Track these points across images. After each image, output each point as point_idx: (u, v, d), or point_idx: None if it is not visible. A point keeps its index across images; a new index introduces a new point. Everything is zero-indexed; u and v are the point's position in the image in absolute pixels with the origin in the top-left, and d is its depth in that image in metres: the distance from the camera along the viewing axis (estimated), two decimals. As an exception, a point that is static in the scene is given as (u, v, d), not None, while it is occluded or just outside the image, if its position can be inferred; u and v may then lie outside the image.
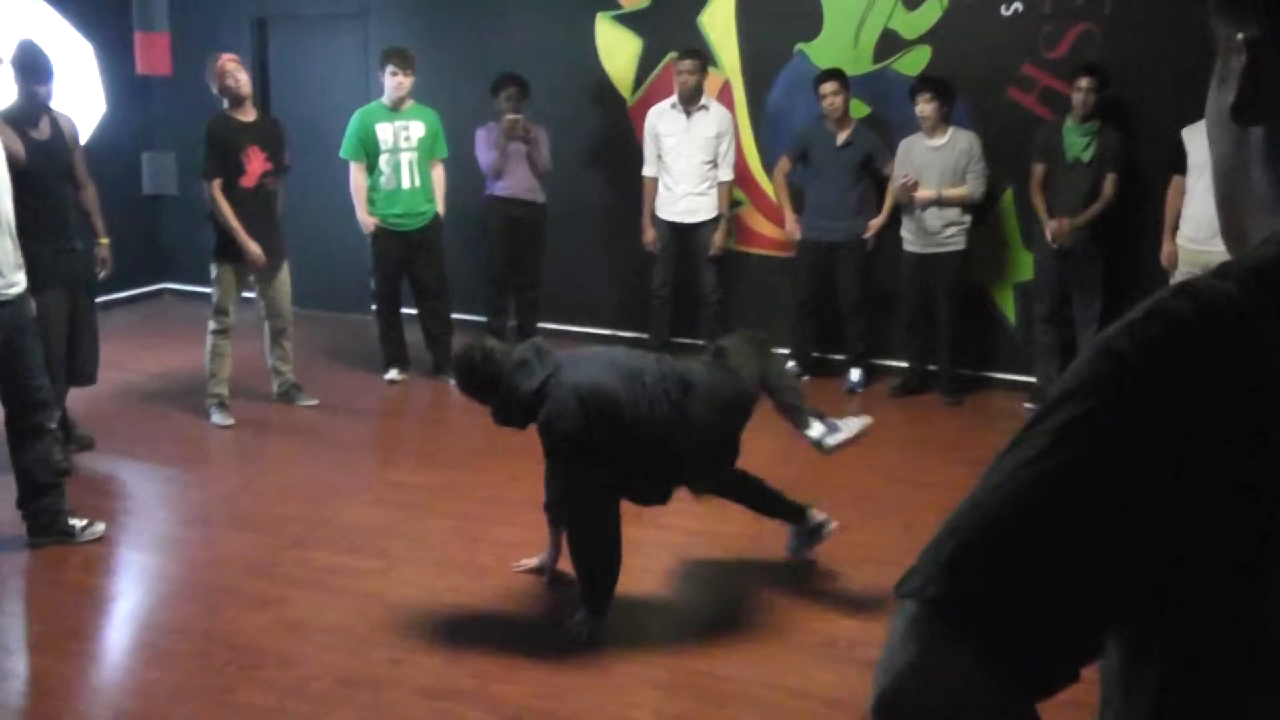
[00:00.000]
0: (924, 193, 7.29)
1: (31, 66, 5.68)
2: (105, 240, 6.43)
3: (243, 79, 6.92)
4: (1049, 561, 0.96)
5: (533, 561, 4.95)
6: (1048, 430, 0.99)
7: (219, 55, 7.01)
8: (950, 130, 7.34)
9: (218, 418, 6.96)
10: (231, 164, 6.83)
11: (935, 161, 7.31)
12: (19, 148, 5.56)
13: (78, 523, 5.26)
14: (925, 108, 7.26)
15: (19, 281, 4.94)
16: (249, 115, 6.98)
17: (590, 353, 4.57)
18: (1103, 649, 1.03)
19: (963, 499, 1.03)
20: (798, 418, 4.73)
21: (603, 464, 4.27)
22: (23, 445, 5.10)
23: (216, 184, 6.80)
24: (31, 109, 5.76)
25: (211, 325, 6.94)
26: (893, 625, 1.02)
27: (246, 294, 7.14)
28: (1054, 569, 0.96)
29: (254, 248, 6.78)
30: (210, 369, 6.96)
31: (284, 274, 7.20)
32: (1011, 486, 0.99)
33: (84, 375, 6.32)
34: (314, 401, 7.32)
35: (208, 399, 7.00)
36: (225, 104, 6.95)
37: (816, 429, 4.70)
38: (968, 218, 7.39)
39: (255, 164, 6.90)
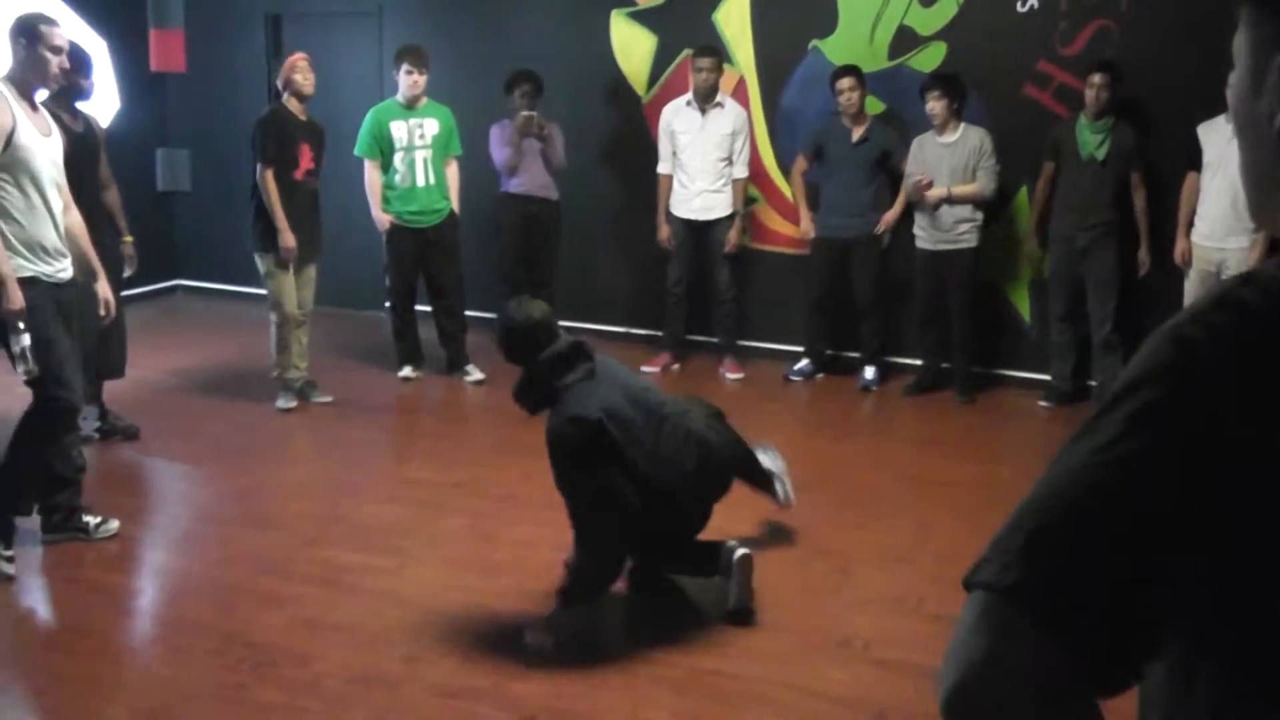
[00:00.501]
0: (935, 191, 7.27)
1: (73, 61, 5.75)
2: (129, 238, 6.57)
3: (310, 79, 7.05)
4: (1123, 548, 0.96)
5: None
6: (1120, 417, 0.99)
7: (294, 53, 7.22)
8: (961, 127, 7.32)
9: (282, 401, 7.18)
10: (287, 155, 6.93)
11: (946, 158, 7.29)
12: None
13: (92, 520, 5.27)
14: (934, 105, 7.24)
15: (67, 268, 5.01)
16: (304, 115, 7.10)
17: (621, 377, 4.49)
18: (1164, 646, 1.02)
19: (1032, 488, 1.03)
20: (768, 489, 4.85)
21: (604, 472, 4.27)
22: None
23: (270, 172, 6.85)
24: (65, 100, 5.86)
25: (273, 318, 7.13)
26: (962, 618, 1.01)
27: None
28: (1128, 555, 0.96)
29: (290, 239, 6.87)
30: (276, 359, 7.18)
31: (314, 270, 7.32)
32: (1085, 473, 0.99)
33: (113, 369, 6.50)
34: (328, 399, 7.34)
35: (278, 381, 7.22)
36: (284, 98, 7.05)
37: (781, 488, 4.75)
38: (980, 214, 7.36)
39: (305, 159, 7.03)
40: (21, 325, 4.67)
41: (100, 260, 5.99)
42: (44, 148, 4.84)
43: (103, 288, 5.31)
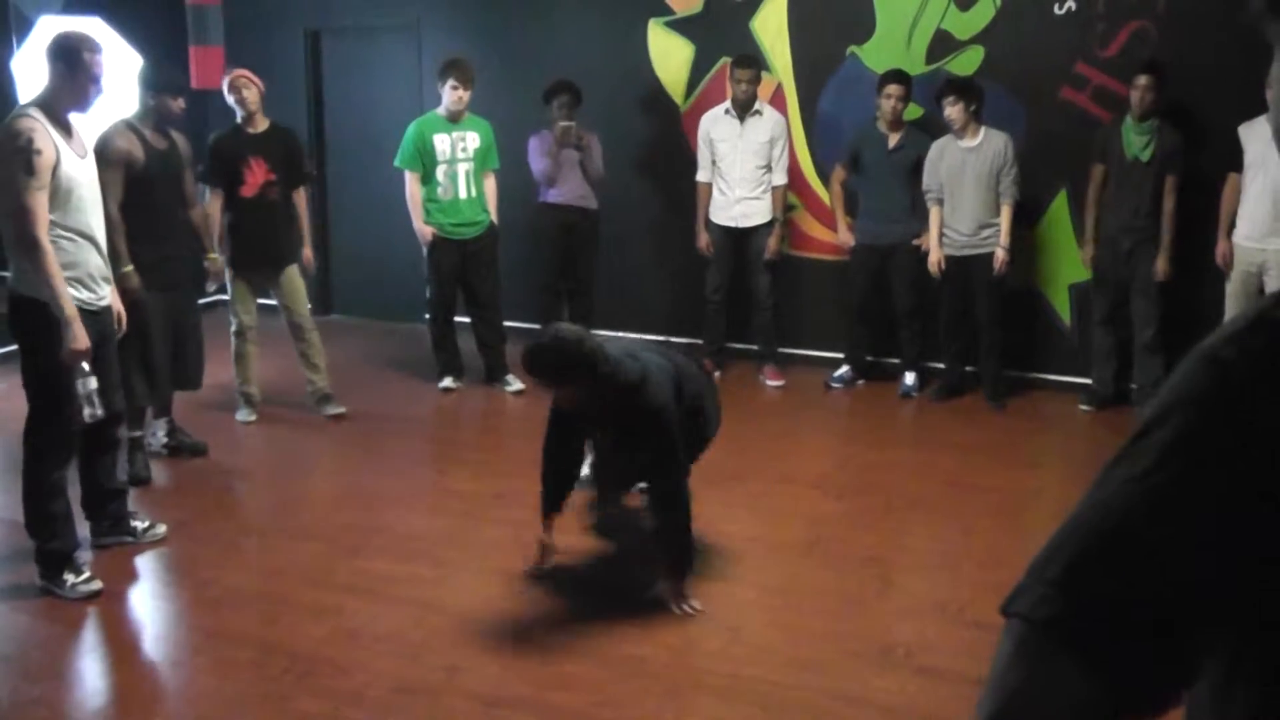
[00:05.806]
0: (1000, 254, 7.26)
1: (154, 79, 5.91)
2: (214, 255, 6.72)
3: (249, 95, 6.97)
4: (1161, 578, 0.95)
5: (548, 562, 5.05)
6: (1156, 444, 0.97)
7: (234, 69, 7.15)
8: (982, 131, 7.25)
9: (241, 414, 7.26)
10: (230, 175, 6.92)
11: (970, 163, 7.22)
12: (138, 151, 5.85)
13: (140, 524, 5.42)
14: (951, 111, 7.16)
15: (107, 295, 5.00)
16: (258, 127, 7.05)
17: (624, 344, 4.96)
18: (1203, 671, 1.01)
19: (1069, 514, 1.02)
20: None
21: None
22: (93, 456, 5.18)
23: (216, 196, 6.93)
24: (152, 119, 6.04)
25: (231, 329, 7.15)
26: (999, 645, 1.01)
27: (266, 300, 7.21)
28: (1166, 585, 0.95)
29: (214, 264, 6.82)
30: (235, 370, 7.24)
31: (293, 277, 7.19)
32: (1121, 502, 0.98)
33: (190, 381, 6.58)
34: (342, 410, 7.36)
35: (237, 395, 7.27)
36: (239, 117, 7.03)
37: None
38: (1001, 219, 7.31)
39: (257, 175, 6.96)
40: (86, 367, 4.70)
41: (175, 270, 6.14)
42: (82, 171, 4.78)
43: (113, 300, 5.13)
